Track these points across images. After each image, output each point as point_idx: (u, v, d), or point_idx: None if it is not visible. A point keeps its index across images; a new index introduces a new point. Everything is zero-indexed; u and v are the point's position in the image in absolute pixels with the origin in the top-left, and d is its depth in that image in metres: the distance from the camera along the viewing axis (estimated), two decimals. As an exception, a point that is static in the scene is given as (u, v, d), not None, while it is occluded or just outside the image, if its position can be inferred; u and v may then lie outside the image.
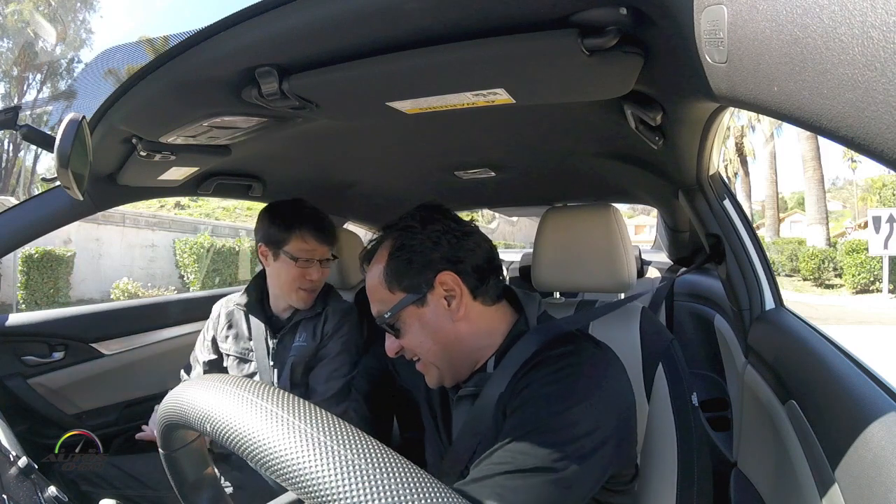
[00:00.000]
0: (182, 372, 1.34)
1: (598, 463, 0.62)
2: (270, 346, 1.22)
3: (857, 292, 12.22)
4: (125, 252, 10.11)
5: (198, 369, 1.30)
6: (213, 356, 1.30)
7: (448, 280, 0.77)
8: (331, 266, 1.29)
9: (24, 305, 8.40)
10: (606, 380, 0.68)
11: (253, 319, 1.25)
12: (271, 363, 1.21)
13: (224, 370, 1.28)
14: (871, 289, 12.10)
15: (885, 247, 11.11)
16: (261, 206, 1.34)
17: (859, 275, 12.14)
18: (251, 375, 1.22)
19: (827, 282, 13.21)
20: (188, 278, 10.01)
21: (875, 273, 11.87)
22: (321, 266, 1.22)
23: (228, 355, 1.26)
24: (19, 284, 8.69)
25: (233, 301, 1.30)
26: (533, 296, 0.84)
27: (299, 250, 1.18)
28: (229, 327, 1.28)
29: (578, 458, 0.59)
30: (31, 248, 8.65)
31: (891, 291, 11.36)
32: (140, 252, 10.31)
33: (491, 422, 0.71)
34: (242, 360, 1.24)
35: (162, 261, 10.53)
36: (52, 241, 9.07)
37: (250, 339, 1.24)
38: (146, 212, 11.14)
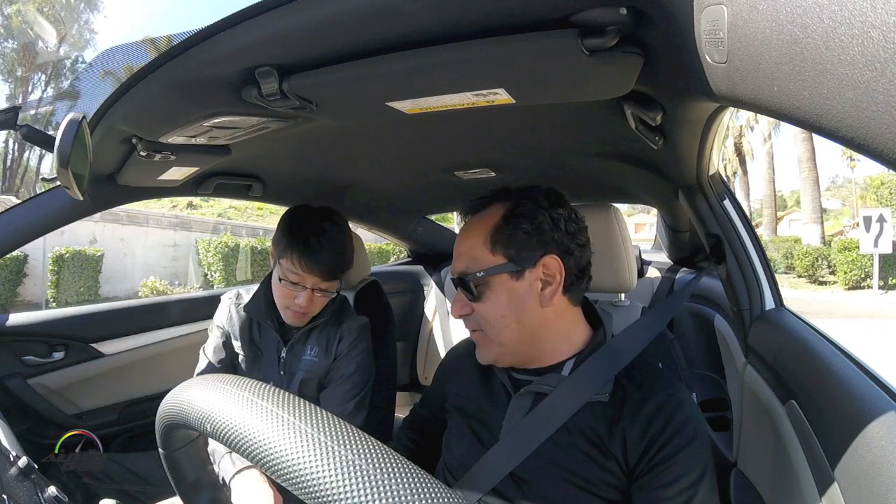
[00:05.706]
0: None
1: None
2: (281, 353, 1.19)
3: (850, 288, 12.48)
4: (148, 251, 10.53)
5: (204, 366, 1.22)
6: (223, 355, 1.22)
7: (552, 265, 0.75)
8: (329, 298, 1.17)
9: (53, 304, 8.52)
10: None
11: (263, 324, 1.21)
12: (281, 372, 1.19)
13: (233, 370, 1.24)
14: (862, 285, 12.40)
15: (875, 245, 11.40)
16: (265, 205, 1.32)
17: (851, 272, 12.43)
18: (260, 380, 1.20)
19: (821, 279, 13.45)
20: (212, 276, 10.22)
21: (866, 270, 12.18)
22: (313, 294, 1.11)
23: (239, 354, 1.23)
24: (49, 283, 8.77)
25: (242, 303, 1.24)
26: (608, 311, 0.84)
27: (286, 271, 1.10)
28: (241, 328, 1.22)
29: None
30: (61, 247, 8.84)
31: (881, 287, 11.63)
32: (162, 251, 10.74)
33: (576, 431, 0.72)
34: (252, 362, 1.21)
35: (184, 259, 10.97)
36: (79, 241, 9.29)
37: (261, 343, 1.22)
38: (168, 213, 11.68)
